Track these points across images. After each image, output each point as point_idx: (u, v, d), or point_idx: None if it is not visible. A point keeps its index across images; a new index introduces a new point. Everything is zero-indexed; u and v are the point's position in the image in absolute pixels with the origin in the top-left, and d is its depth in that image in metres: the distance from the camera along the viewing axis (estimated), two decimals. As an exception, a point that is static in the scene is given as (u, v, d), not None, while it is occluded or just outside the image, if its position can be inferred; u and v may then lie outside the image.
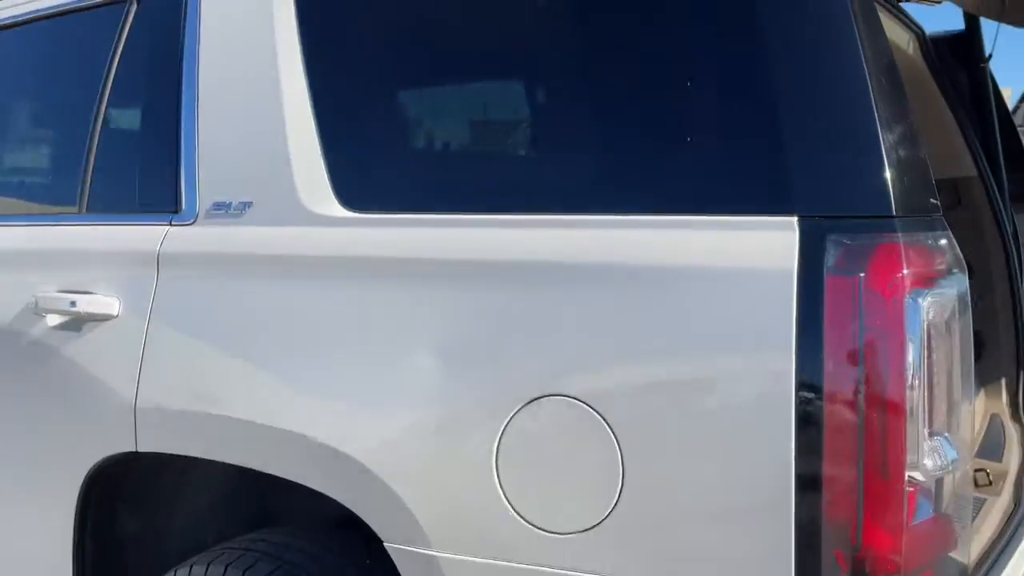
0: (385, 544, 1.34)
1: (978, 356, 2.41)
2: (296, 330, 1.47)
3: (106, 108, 1.89)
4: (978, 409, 2.30)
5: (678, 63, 1.22)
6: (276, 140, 1.57)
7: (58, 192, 1.97)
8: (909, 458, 1.08)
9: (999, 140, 2.44)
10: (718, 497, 1.15)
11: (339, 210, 1.50)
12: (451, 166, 1.54)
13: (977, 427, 2.22)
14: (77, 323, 1.75)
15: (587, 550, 1.20)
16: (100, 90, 1.90)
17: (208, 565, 1.63)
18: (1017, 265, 2.40)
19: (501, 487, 1.24)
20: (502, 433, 1.24)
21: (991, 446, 2.13)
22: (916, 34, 2.32)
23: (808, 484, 1.10)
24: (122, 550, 1.89)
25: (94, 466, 1.72)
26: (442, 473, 1.29)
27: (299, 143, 1.55)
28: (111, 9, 1.94)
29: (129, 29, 1.90)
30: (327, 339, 1.44)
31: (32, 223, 1.97)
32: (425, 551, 1.29)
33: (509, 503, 1.24)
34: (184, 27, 1.78)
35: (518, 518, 1.23)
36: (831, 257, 1.10)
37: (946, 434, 1.12)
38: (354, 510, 1.36)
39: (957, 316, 1.14)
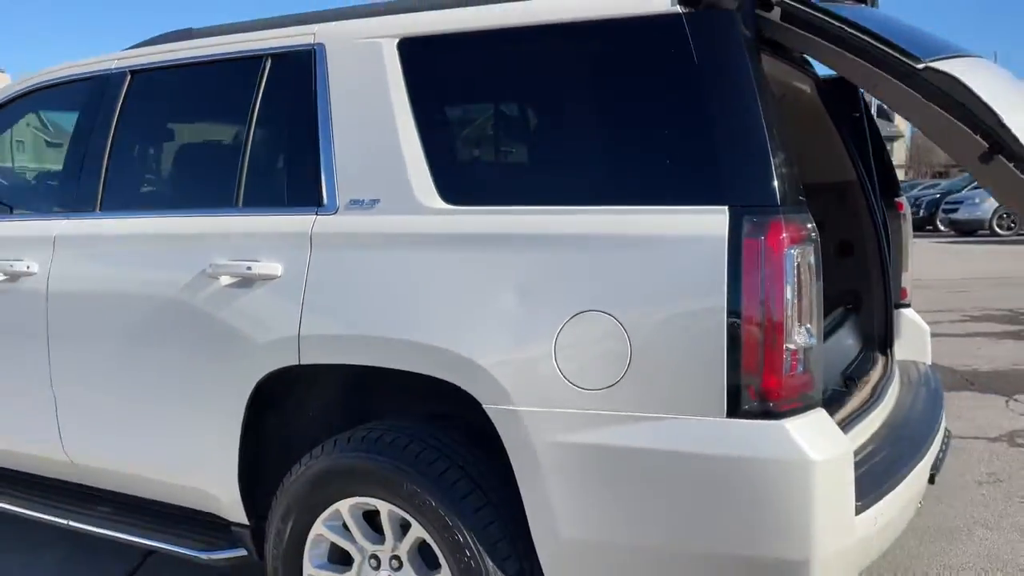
0: (484, 406, 2.19)
1: (858, 308, 3.38)
2: (416, 280, 2.31)
3: (255, 129, 2.70)
4: (855, 344, 3.25)
5: (670, 131, 2.12)
6: (395, 157, 2.41)
7: (217, 191, 2.77)
8: (787, 337, 1.98)
9: (871, 153, 3.41)
10: (683, 366, 2.03)
11: (442, 204, 2.34)
12: (512, 175, 2.42)
13: (854, 355, 3.17)
14: (248, 281, 2.55)
15: (607, 399, 2.07)
16: (248, 119, 2.71)
17: (349, 438, 2.47)
18: (885, 244, 3.37)
19: (558, 364, 2.11)
20: (559, 333, 2.11)
21: (863, 367, 3.08)
22: (812, 78, 3.26)
23: (734, 357, 1.99)
24: (268, 443, 2.72)
25: (262, 377, 2.54)
26: (521, 361, 2.15)
27: (412, 159, 2.39)
28: (250, 63, 2.76)
29: (267, 77, 2.72)
30: (437, 285, 2.29)
31: (199, 214, 2.78)
32: (510, 407, 2.16)
33: (562, 373, 2.10)
34: (315, 75, 2.60)
35: (567, 382, 2.10)
36: (746, 229, 1.99)
37: (808, 326, 2.03)
38: (464, 388, 2.21)
39: (813, 260, 2.04)
